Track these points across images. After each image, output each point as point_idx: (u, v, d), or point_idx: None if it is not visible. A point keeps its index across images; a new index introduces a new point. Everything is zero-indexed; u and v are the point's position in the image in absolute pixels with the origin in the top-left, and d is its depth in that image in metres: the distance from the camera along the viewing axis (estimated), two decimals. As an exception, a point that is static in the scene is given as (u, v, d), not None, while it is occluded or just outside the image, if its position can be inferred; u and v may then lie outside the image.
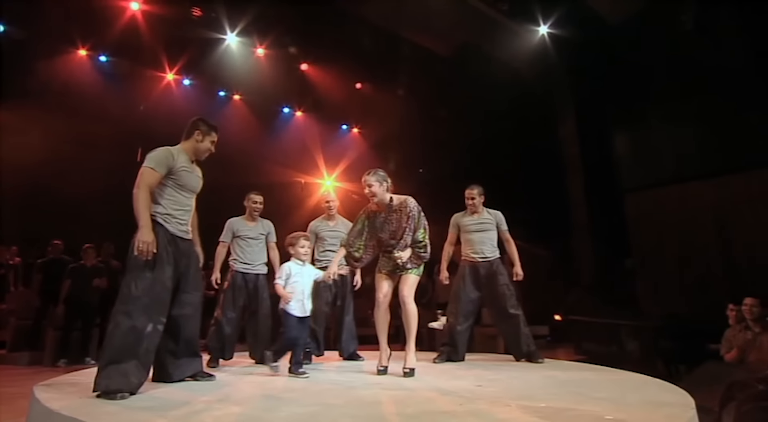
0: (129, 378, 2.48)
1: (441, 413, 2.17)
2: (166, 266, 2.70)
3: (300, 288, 3.39)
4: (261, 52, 10.01)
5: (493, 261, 4.35)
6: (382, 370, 3.41)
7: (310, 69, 10.83)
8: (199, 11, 8.80)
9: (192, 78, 10.21)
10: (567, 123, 10.13)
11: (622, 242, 8.98)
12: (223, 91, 10.84)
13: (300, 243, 3.47)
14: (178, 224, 2.86)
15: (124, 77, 9.39)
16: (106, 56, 9.20)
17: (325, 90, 11.00)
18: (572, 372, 3.55)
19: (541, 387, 2.84)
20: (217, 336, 4.08)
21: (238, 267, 4.21)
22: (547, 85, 10.06)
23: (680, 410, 2.10)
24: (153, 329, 2.60)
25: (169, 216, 2.81)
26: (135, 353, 2.52)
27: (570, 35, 9.06)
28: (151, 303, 2.60)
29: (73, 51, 9.02)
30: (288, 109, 11.91)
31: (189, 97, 10.29)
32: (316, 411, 2.24)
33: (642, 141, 9.18)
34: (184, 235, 2.91)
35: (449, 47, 10.19)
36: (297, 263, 3.46)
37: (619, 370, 3.43)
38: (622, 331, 5.04)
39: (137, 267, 2.63)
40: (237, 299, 4.14)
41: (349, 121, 12.64)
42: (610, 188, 9.43)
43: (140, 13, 8.63)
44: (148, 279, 2.61)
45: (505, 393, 2.59)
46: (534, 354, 4.11)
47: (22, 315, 6.62)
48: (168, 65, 9.80)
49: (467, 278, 4.35)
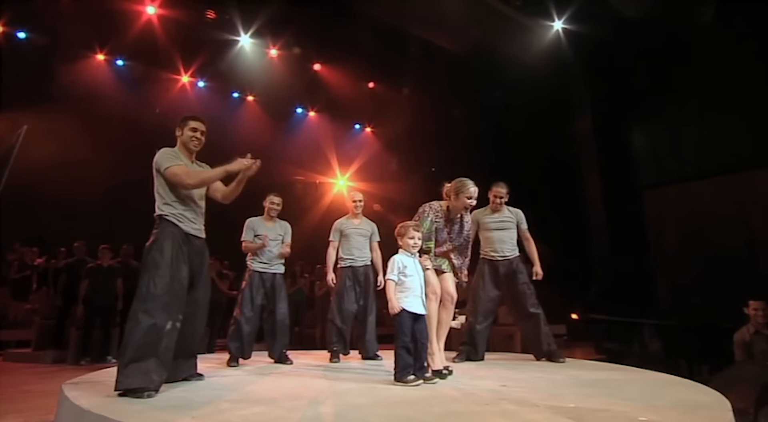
0: (151, 375, 2.50)
1: (468, 413, 2.13)
2: (182, 265, 2.74)
3: (417, 283, 3.06)
4: (274, 52, 10.07)
5: (513, 260, 4.30)
6: (446, 374, 3.17)
7: (322, 69, 10.86)
8: (213, 13, 8.86)
9: (206, 80, 10.31)
10: (583, 119, 9.99)
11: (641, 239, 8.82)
12: (237, 93, 10.92)
13: (410, 233, 3.10)
14: (192, 223, 2.89)
15: (140, 80, 9.53)
16: (123, 60, 9.33)
17: (338, 90, 11.03)
18: (597, 371, 3.49)
19: (567, 386, 2.79)
20: (236, 335, 4.10)
21: (256, 267, 4.23)
22: (562, 81, 9.93)
23: (718, 412, 2.03)
24: (172, 327, 2.63)
25: (181, 216, 2.85)
26: (155, 351, 2.54)
27: (585, 30, 8.93)
28: (170, 301, 2.63)
29: (92, 55, 9.17)
30: (301, 109, 11.96)
31: (204, 99, 10.41)
32: (341, 411, 2.22)
33: (662, 136, 9.00)
34: (198, 234, 2.94)
35: (462, 45, 10.11)
36: (407, 255, 3.12)
37: (644, 370, 3.37)
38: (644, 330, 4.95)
39: (155, 266, 2.66)
40: (255, 298, 4.16)
41: (362, 120, 12.65)
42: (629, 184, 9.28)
43: (156, 17, 8.72)
44: (167, 278, 2.64)
45: (532, 393, 2.54)
46: (555, 353, 4.06)
47: (46, 315, 6.74)
48: (183, 68, 9.91)
49: (487, 277, 4.30)
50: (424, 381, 2.92)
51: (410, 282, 3.05)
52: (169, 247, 2.70)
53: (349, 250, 4.49)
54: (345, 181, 12.81)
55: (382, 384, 2.95)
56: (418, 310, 3.05)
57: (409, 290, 3.05)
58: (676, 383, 2.85)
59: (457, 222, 3.42)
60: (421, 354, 3.01)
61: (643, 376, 3.19)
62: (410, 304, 3.02)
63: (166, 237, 2.74)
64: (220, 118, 10.52)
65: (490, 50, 9.77)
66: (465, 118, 10.60)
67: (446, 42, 10.18)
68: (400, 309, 2.98)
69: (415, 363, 2.94)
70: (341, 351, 4.41)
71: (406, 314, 3.00)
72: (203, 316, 3.05)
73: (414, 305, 3.03)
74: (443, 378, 3.12)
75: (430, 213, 3.34)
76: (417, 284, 3.07)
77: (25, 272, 7.74)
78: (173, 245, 2.72)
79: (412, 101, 10.71)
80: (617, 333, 5.45)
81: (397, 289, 3.06)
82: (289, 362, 4.09)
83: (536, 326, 4.17)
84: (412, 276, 3.07)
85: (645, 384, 2.83)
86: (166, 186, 2.84)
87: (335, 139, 12.11)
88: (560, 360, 4.00)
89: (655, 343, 4.96)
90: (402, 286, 3.05)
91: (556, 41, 9.27)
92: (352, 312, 4.47)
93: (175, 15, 8.70)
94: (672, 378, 2.99)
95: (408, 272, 3.07)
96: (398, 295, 3.03)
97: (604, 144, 9.61)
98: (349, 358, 4.42)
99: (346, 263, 4.53)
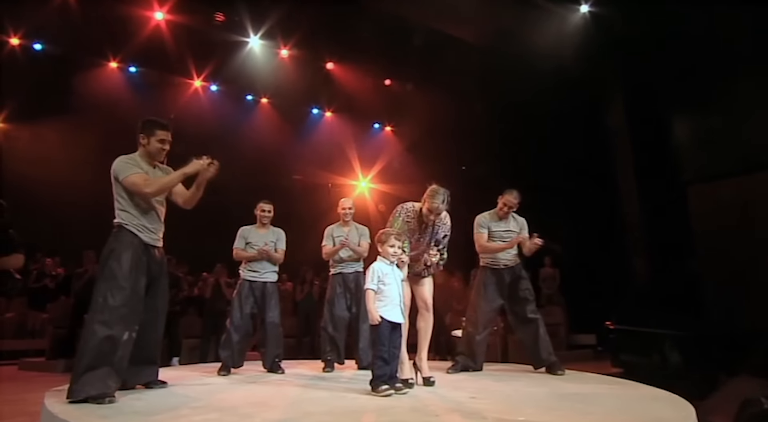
0: (107, 382, 2.73)
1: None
2: (141, 276, 2.95)
3: (396, 291, 3.17)
4: (285, 53, 10.39)
5: (515, 268, 4.37)
6: (412, 383, 3.34)
7: (336, 68, 11.10)
8: (222, 16, 9.28)
9: (219, 84, 10.77)
10: (616, 109, 9.74)
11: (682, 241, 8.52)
12: (251, 96, 11.34)
13: (390, 241, 3.21)
14: (151, 233, 3.09)
15: (153, 86, 10.10)
16: (135, 67, 9.92)
17: (353, 88, 11.24)
18: (586, 384, 3.50)
19: (539, 400, 2.85)
20: (227, 343, 4.33)
21: (246, 275, 4.47)
22: (592, 69, 9.73)
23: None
24: (128, 337, 2.85)
25: (141, 226, 3.04)
26: (110, 360, 2.77)
27: (616, 12, 8.73)
28: (128, 313, 2.85)
29: (105, 63, 9.80)
30: (317, 109, 12.26)
31: (217, 103, 10.89)
32: (287, 419, 2.38)
33: (709, 126, 8.67)
34: (156, 243, 3.14)
35: (482, 36, 10.09)
36: (385, 263, 3.23)
37: (639, 384, 3.34)
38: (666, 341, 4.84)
39: (113, 277, 2.85)
40: (244, 307, 4.38)
41: (381, 119, 12.81)
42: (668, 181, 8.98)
43: (164, 23, 9.23)
44: (126, 290, 2.84)
45: (493, 405, 2.62)
46: (554, 365, 4.06)
47: (59, 324, 7.27)
48: (195, 72, 10.41)
49: (490, 286, 4.35)
50: (395, 392, 3.04)
51: (389, 291, 3.17)
52: (129, 259, 2.90)
53: (338, 257, 4.67)
54: (367, 183, 13.02)
55: (354, 394, 3.09)
56: (396, 319, 3.17)
57: (387, 299, 3.16)
58: (660, 398, 2.85)
59: (429, 226, 3.52)
60: (393, 364, 3.14)
61: (630, 391, 3.18)
62: (389, 313, 3.14)
63: (125, 247, 2.93)
64: (235, 121, 11.00)
65: (513, 40, 9.70)
66: (489, 112, 10.56)
67: (465, 33, 10.18)
68: (380, 320, 3.10)
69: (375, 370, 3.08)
70: (335, 360, 4.58)
71: (385, 323, 3.12)
72: (161, 323, 3.28)
73: (393, 314, 3.15)
74: (410, 387, 3.25)
75: (402, 213, 3.49)
76: (396, 293, 3.19)
77: (43, 281, 8.39)
78: (132, 256, 2.91)
79: (432, 98, 10.76)
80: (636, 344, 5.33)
81: (376, 298, 3.17)
82: (280, 371, 4.27)
83: (534, 332, 4.21)
84: (391, 284, 3.19)
85: (624, 399, 2.85)
86: (125, 194, 3.01)
87: (354, 139, 12.33)
88: (558, 372, 4.00)
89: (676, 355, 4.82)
90: (381, 295, 3.17)
91: (583, 26, 9.11)
92: (345, 319, 4.64)
93: (184, 20, 9.17)
94: (657, 393, 2.98)
95: (387, 281, 3.19)
96: (377, 304, 3.15)
97: (641, 136, 9.34)
98: (345, 368, 4.56)
99: (336, 270, 4.72)
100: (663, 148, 8.99)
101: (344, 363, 4.65)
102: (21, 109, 9.12)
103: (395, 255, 3.23)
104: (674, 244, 8.56)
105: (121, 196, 3.04)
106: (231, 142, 10.20)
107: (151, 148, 3.12)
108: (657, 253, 8.72)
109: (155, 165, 3.20)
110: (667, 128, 9.21)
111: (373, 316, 3.10)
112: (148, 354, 3.19)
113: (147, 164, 3.14)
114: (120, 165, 3.04)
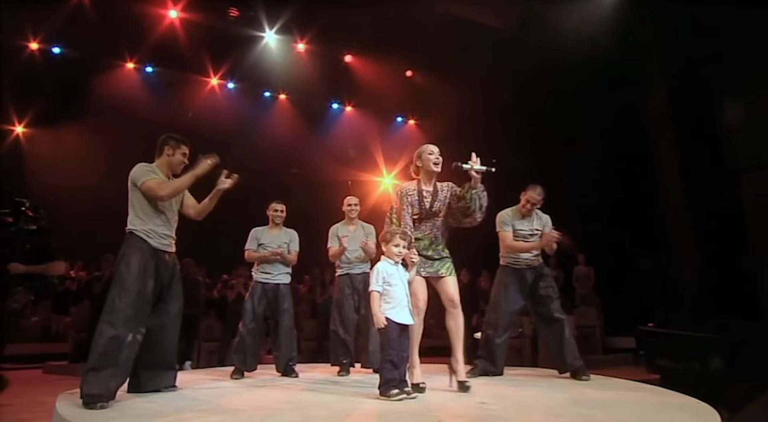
0: (108, 383, 2.90)
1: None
2: (148, 280, 3.13)
3: (403, 292, 3.20)
4: (301, 47, 10.53)
5: (538, 267, 4.34)
6: (423, 387, 3.32)
7: (354, 60, 11.17)
8: (236, 11, 9.48)
9: (236, 81, 11.01)
10: (657, 93, 9.44)
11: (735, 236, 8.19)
12: (268, 92, 11.54)
13: (395, 240, 3.24)
14: (161, 238, 3.28)
15: (170, 86, 10.41)
16: (151, 67, 10.24)
17: (374, 81, 11.29)
18: (609, 391, 3.43)
19: (551, 406, 2.82)
20: (239, 347, 4.45)
21: (258, 278, 4.57)
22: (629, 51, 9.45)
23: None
24: (133, 339, 3.02)
25: (150, 231, 3.24)
26: (115, 361, 2.94)
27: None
28: (133, 315, 3.02)
29: (123, 64, 10.16)
30: (337, 104, 12.36)
31: (234, 100, 11.13)
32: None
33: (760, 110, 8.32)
34: (167, 249, 3.33)
35: (507, 19, 9.95)
36: (390, 263, 3.25)
37: (668, 392, 3.26)
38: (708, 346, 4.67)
39: (121, 280, 3.07)
40: (257, 309, 4.49)
41: (404, 112, 12.81)
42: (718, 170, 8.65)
43: (178, 20, 9.49)
44: (133, 293, 3.03)
45: (500, 412, 2.62)
46: (579, 370, 4.00)
47: (81, 327, 7.60)
48: (212, 70, 10.67)
49: (511, 286, 4.32)
50: (406, 396, 3.06)
51: (395, 292, 3.18)
52: (136, 262, 3.10)
53: (345, 257, 4.71)
54: (392, 179, 13.05)
55: (361, 398, 3.14)
56: (406, 321, 3.18)
57: (395, 300, 3.17)
58: (685, 407, 2.77)
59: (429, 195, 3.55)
60: (401, 368, 3.16)
61: (658, 399, 3.08)
62: (397, 315, 3.14)
63: (134, 252, 3.15)
64: (253, 119, 11.21)
65: (543, 24, 9.53)
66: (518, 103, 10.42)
67: (491, 19, 10.07)
68: (386, 322, 3.11)
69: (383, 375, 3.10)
70: (350, 363, 4.62)
71: (394, 325, 3.13)
72: (176, 327, 3.42)
73: (401, 316, 3.15)
74: (421, 392, 3.26)
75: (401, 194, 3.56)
76: (402, 293, 3.20)
77: (66, 285, 8.78)
78: (140, 260, 3.11)
79: (456, 88, 10.69)
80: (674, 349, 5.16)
81: (382, 300, 3.18)
82: (294, 375, 4.35)
83: (560, 334, 4.15)
84: (397, 285, 3.19)
85: (644, 407, 2.79)
86: (143, 200, 3.23)
87: (376, 134, 12.38)
88: (583, 377, 3.93)
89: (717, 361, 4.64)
90: (387, 296, 3.18)
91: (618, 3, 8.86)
92: (354, 321, 4.68)
93: (198, 17, 9.42)
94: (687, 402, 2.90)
95: (393, 281, 3.19)
96: (384, 306, 3.16)
97: (687, 123, 9.03)
98: (356, 371, 4.57)
99: (343, 271, 4.77)
100: (713, 135, 8.66)
101: (354, 367, 4.68)
102: (42, 113, 9.56)
103: (400, 255, 3.25)
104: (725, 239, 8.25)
105: (138, 201, 3.25)
106: (250, 139, 10.43)
107: (175, 160, 3.39)
108: (705, 249, 8.41)
109: (170, 177, 3.41)
110: (716, 114, 8.87)
111: (378, 319, 3.11)
112: (165, 359, 3.35)
113: (164, 175, 3.36)
114: (139, 171, 3.26)
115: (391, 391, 3.03)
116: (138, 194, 3.24)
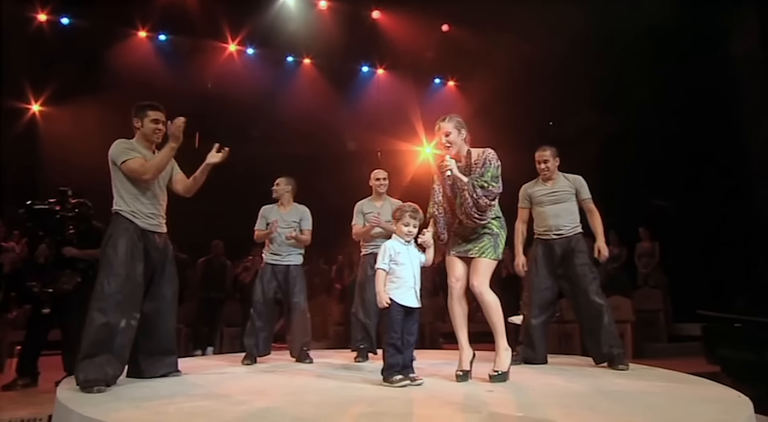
0: (105, 369, 3.10)
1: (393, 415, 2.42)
2: (137, 263, 3.30)
3: (410, 272, 3.30)
4: (323, 4, 10.51)
5: (571, 238, 4.29)
6: (462, 376, 3.35)
7: (383, 16, 11.07)
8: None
9: (255, 46, 11.16)
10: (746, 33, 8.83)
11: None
12: (291, 57, 11.63)
13: (405, 219, 3.35)
14: (147, 218, 3.44)
15: (185, 54, 10.69)
16: (165, 34, 10.55)
17: (406, 39, 11.16)
18: (641, 381, 3.42)
19: (564, 396, 2.88)
20: (251, 331, 4.66)
21: (267, 259, 4.76)
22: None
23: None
24: (126, 324, 3.21)
25: (136, 212, 3.39)
26: (109, 348, 3.14)
27: None
28: (124, 299, 3.21)
29: (135, 33, 10.51)
30: (367, 67, 12.33)
31: (255, 67, 11.30)
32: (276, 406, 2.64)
33: None
34: (155, 229, 3.50)
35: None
36: (400, 241, 3.38)
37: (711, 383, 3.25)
38: (766, 334, 4.52)
39: (108, 264, 3.24)
40: (267, 292, 4.68)
41: (443, 73, 12.65)
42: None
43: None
44: (122, 276, 3.21)
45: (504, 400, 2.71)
46: (616, 358, 3.99)
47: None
48: (230, 35, 10.87)
49: (540, 260, 4.36)
50: (410, 382, 3.18)
51: (402, 272, 3.29)
52: (124, 245, 3.27)
53: (370, 236, 4.82)
54: (432, 149, 12.98)
55: (363, 384, 3.29)
56: (410, 304, 3.29)
57: (400, 280, 3.29)
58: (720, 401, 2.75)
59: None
60: (407, 353, 3.27)
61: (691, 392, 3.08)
62: (402, 296, 3.26)
63: (120, 234, 3.31)
64: (276, 86, 11.37)
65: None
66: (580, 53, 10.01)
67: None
68: (389, 302, 3.24)
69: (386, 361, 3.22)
70: (369, 348, 4.77)
71: (397, 307, 3.25)
72: (172, 311, 3.63)
73: (406, 298, 3.27)
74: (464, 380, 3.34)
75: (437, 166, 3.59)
76: (410, 274, 3.31)
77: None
78: (128, 242, 3.28)
79: (502, 41, 10.42)
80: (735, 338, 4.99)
81: (387, 279, 3.31)
82: (308, 360, 4.54)
83: (598, 320, 4.12)
84: (404, 265, 3.31)
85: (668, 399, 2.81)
86: (124, 180, 3.39)
87: (413, 98, 12.29)
88: (620, 367, 3.93)
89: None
90: (393, 276, 3.30)
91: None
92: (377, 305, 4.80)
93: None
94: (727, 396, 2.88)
95: (400, 260, 3.31)
96: (389, 286, 3.30)
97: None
98: (377, 358, 4.69)
99: (368, 250, 4.86)
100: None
101: (377, 353, 4.79)
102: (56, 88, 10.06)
103: (410, 234, 3.36)
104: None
105: (119, 181, 3.41)
106: (273, 108, 10.61)
107: (146, 129, 3.49)
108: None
109: (154, 150, 3.55)
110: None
111: (381, 298, 3.24)
112: (163, 344, 3.57)
113: (145, 149, 3.50)
114: (117, 149, 3.40)
115: (393, 377, 3.16)
116: (119, 174, 3.39)
